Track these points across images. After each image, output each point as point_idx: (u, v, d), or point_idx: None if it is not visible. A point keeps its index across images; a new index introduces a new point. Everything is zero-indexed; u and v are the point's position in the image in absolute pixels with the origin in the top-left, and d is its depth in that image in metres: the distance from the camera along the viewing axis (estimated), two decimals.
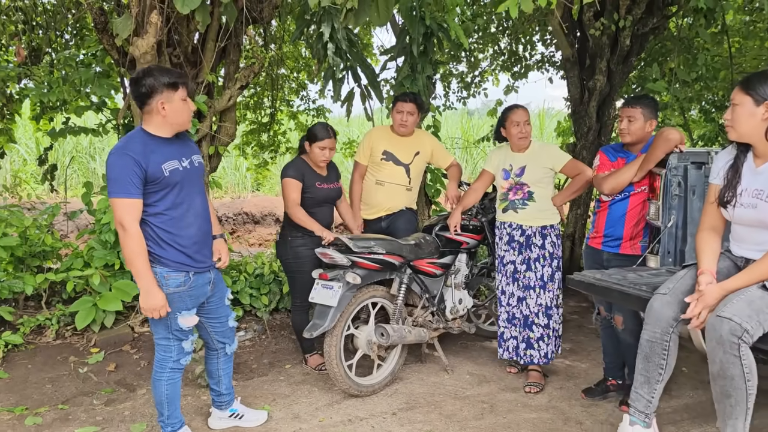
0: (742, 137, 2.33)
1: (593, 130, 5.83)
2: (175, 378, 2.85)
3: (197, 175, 2.78)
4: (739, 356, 2.06)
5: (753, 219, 2.30)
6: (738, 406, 2.14)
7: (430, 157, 4.31)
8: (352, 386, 3.51)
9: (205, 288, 2.82)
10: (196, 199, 2.74)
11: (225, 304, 3.01)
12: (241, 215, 12.49)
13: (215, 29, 4.41)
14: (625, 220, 3.40)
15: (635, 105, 3.31)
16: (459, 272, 4.07)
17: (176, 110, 2.58)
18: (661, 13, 5.48)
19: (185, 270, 2.68)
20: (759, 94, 2.25)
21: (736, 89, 2.33)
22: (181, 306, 2.71)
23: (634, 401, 2.44)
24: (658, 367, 2.36)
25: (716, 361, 2.12)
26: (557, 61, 7.55)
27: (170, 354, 2.81)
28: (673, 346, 2.34)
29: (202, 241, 2.77)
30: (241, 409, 3.22)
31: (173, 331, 2.76)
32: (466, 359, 4.21)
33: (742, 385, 2.10)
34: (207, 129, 4.40)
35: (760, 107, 2.25)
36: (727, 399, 2.15)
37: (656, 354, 2.40)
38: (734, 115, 2.32)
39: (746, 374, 2.08)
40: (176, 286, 2.67)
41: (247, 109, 7.66)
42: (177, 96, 2.57)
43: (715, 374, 2.16)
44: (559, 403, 3.54)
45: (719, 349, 2.09)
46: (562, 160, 3.71)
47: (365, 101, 5.21)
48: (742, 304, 2.09)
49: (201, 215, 2.77)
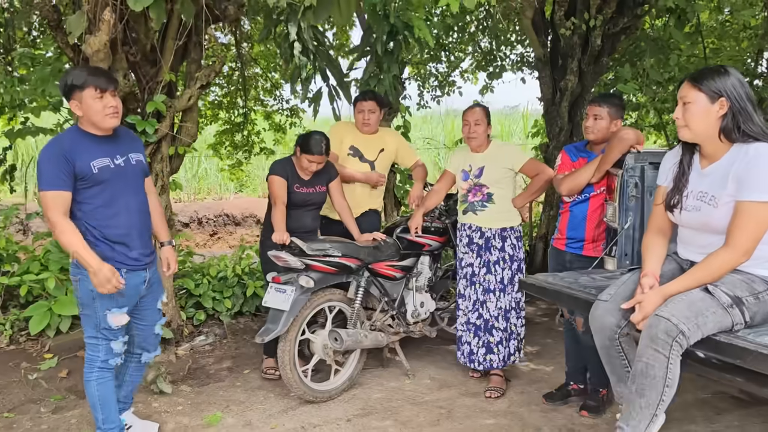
0: (696, 137, 2.24)
1: (565, 130, 5.78)
2: (105, 378, 2.77)
3: (133, 174, 2.74)
4: (668, 357, 1.98)
5: (697, 222, 2.24)
6: (646, 409, 2.06)
7: (395, 155, 4.25)
8: (307, 392, 3.43)
9: (139, 287, 2.76)
10: (130, 197, 2.70)
11: (156, 308, 2.93)
12: (222, 217, 12.38)
13: (175, 27, 4.31)
14: (587, 221, 3.36)
15: (602, 104, 3.27)
16: (421, 275, 4.00)
17: (89, 108, 2.54)
18: (632, 13, 5.44)
19: (116, 268, 2.61)
20: (713, 90, 2.15)
21: (685, 85, 2.22)
22: (110, 304, 2.64)
23: (619, 398, 2.35)
24: (621, 366, 2.29)
25: (642, 358, 2.05)
26: (532, 61, 7.51)
27: (98, 354, 2.73)
28: (628, 345, 2.26)
29: (136, 239, 2.72)
30: (129, 420, 3.08)
31: (101, 330, 2.69)
32: (429, 363, 4.14)
33: (659, 388, 2.02)
34: (167, 129, 4.30)
35: (715, 104, 2.16)
36: (640, 398, 2.07)
37: (614, 357, 2.32)
38: (687, 114, 2.21)
39: (667, 379, 2.01)
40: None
41: (220, 109, 7.57)
42: (87, 95, 2.52)
43: (637, 372, 2.07)
44: (518, 408, 3.48)
45: (650, 346, 2.01)
46: (521, 160, 3.65)
47: (333, 101, 5.14)
48: (682, 305, 2.02)
49: (136, 213, 2.73)
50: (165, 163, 4.38)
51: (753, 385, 2.19)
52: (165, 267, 2.98)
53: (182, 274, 4.85)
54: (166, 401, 3.53)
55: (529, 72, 7.58)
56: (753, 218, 2.05)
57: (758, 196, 2.04)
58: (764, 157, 2.06)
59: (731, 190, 2.12)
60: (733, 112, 2.13)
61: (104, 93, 2.55)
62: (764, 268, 2.13)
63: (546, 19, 5.99)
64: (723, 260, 2.10)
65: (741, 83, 2.15)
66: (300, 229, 3.67)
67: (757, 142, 2.11)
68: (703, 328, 1.99)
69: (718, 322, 2.02)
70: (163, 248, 2.97)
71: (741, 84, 2.15)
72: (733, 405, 3.45)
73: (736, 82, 2.14)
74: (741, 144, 2.14)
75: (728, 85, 2.13)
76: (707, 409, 3.43)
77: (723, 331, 2.03)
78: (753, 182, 2.06)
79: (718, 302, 2.03)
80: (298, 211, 3.69)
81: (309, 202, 3.71)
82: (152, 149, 4.27)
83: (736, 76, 2.15)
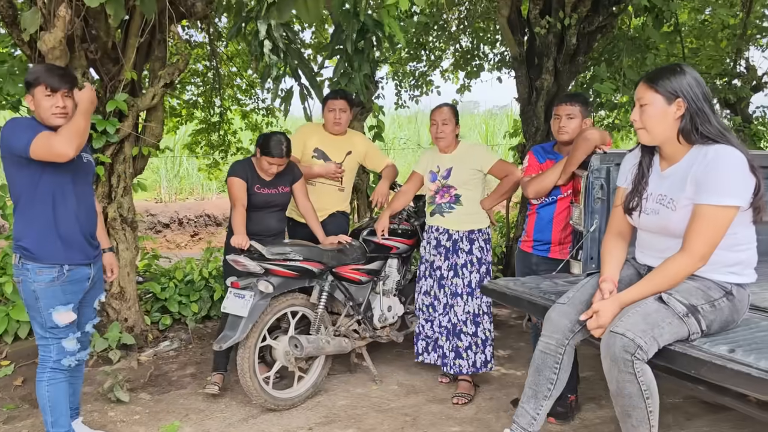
0: (655, 139, 2.16)
1: (541, 130, 5.70)
2: (57, 379, 2.71)
3: (84, 171, 2.74)
4: (634, 373, 1.91)
5: (656, 225, 2.16)
6: (641, 427, 2.00)
7: (363, 158, 4.15)
8: (268, 400, 3.33)
9: (83, 284, 2.74)
10: (78, 194, 2.69)
11: (93, 306, 2.89)
12: (203, 217, 12.24)
13: (137, 24, 4.19)
14: (553, 224, 3.29)
15: (574, 102, 3.18)
16: (389, 278, 3.91)
17: (38, 105, 2.56)
18: (607, 11, 5.37)
19: (59, 263, 2.60)
20: (669, 91, 2.08)
21: (641, 86, 2.14)
22: (54, 301, 2.62)
23: (518, 416, 2.24)
24: (548, 381, 2.19)
25: (612, 380, 1.98)
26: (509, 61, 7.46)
27: (50, 354, 2.69)
28: (567, 359, 2.19)
29: (81, 236, 2.70)
30: (79, 430, 2.98)
31: (49, 329, 2.65)
32: (398, 368, 4.06)
33: (641, 404, 1.96)
34: (129, 129, 4.18)
35: (672, 105, 2.08)
36: (628, 419, 2.00)
37: (548, 367, 2.22)
38: (645, 117, 2.13)
39: (644, 392, 1.94)
40: (49, 281, 2.60)
41: (196, 108, 7.44)
42: (38, 92, 2.55)
43: (614, 393, 2.01)
44: (485, 414, 3.40)
45: (614, 367, 1.94)
46: (489, 161, 3.57)
47: (305, 100, 5.04)
48: (637, 318, 1.94)
49: (83, 212, 2.72)
50: (128, 164, 4.26)
51: (714, 393, 2.12)
52: (109, 273, 3.01)
53: (148, 278, 4.74)
54: (123, 410, 3.42)
55: (506, 71, 7.51)
56: (710, 222, 1.97)
57: (716, 200, 1.97)
58: (723, 160, 1.99)
59: (690, 193, 2.04)
60: (690, 113, 2.05)
61: (55, 93, 2.55)
62: (721, 273, 2.06)
63: (522, 18, 5.91)
64: (680, 265, 2.03)
65: (698, 82, 2.07)
66: (265, 232, 3.56)
67: (716, 144, 2.03)
68: (660, 340, 1.91)
69: (675, 332, 1.94)
70: (104, 255, 2.97)
71: (698, 83, 2.07)
72: (704, 410, 3.40)
73: (693, 81, 2.06)
74: (701, 146, 2.07)
75: (684, 85, 2.06)
76: (678, 414, 3.37)
77: (680, 341, 1.96)
78: (711, 186, 1.98)
79: (673, 312, 1.95)
80: (261, 213, 3.58)
81: (271, 203, 3.60)
82: (114, 150, 4.16)
83: (692, 75, 2.07)
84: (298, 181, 3.70)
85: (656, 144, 2.19)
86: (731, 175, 1.98)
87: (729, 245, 2.04)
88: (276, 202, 3.63)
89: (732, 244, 2.05)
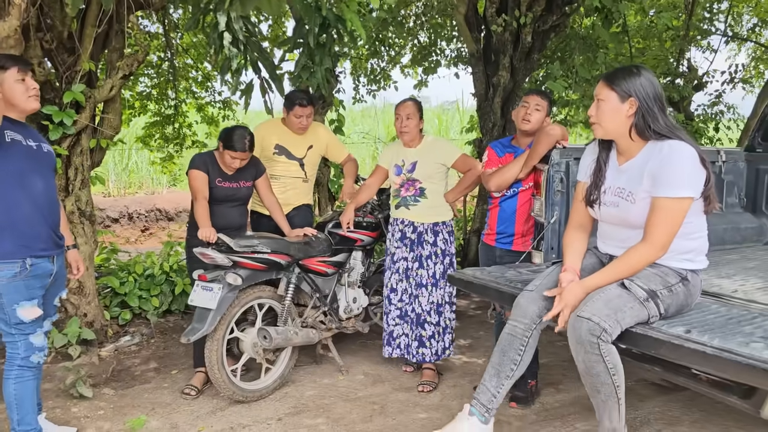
0: (608, 134, 2.30)
1: (498, 125, 5.86)
2: (24, 377, 2.66)
3: (44, 161, 2.69)
4: (601, 354, 2.04)
5: (616, 217, 2.30)
6: (609, 400, 2.14)
7: (325, 150, 4.19)
8: (236, 392, 3.35)
9: (45, 279, 2.68)
10: (39, 184, 2.62)
11: (53, 303, 2.84)
12: (153, 212, 11.97)
13: (94, 14, 4.10)
14: (516, 216, 3.39)
15: (543, 97, 3.30)
16: (353, 270, 3.97)
17: (10, 90, 2.52)
18: (560, 11, 5.55)
19: (20, 258, 2.54)
20: (624, 90, 2.21)
21: (600, 84, 2.28)
22: (18, 297, 2.56)
23: (479, 393, 2.35)
24: (511, 362, 2.31)
25: (580, 360, 2.11)
26: (466, 57, 7.60)
27: (17, 351, 2.64)
28: (532, 342, 2.31)
29: (43, 228, 2.63)
30: (43, 425, 2.90)
31: (14, 326, 2.60)
32: (363, 359, 4.12)
33: (608, 380, 2.10)
34: (87, 121, 4.10)
35: (625, 104, 2.22)
36: (598, 395, 2.15)
37: (513, 349, 2.33)
38: (599, 112, 2.27)
39: (610, 369, 2.08)
40: (11, 277, 2.53)
41: (149, 100, 7.29)
42: (9, 75, 2.51)
43: (582, 372, 2.15)
44: (450, 401, 3.50)
45: (581, 348, 2.07)
46: (453, 155, 3.67)
47: (265, 94, 5.02)
48: (600, 304, 2.07)
49: (45, 203, 2.65)
50: (85, 157, 4.17)
51: (669, 374, 2.28)
52: (75, 270, 2.96)
53: (107, 272, 4.65)
54: (87, 406, 3.37)
55: (463, 68, 7.65)
56: (668, 214, 2.12)
57: (673, 192, 2.11)
58: (677, 155, 2.13)
59: (647, 186, 2.18)
60: (642, 111, 2.20)
61: (26, 75, 2.54)
62: (677, 260, 2.21)
63: (479, 16, 6.04)
64: (641, 255, 2.17)
65: (651, 83, 2.22)
66: (227, 227, 3.53)
67: (670, 140, 2.18)
68: (622, 323, 2.05)
69: (636, 315, 2.08)
70: (68, 252, 2.92)
71: (651, 84, 2.22)
72: (655, 391, 3.59)
73: (646, 82, 2.21)
74: (656, 141, 2.21)
75: (638, 85, 2.20)
76: (631, 397, 3.53)
77: (640, 324, 2.10)
78: (666, 179, 2.12)
79: (634, 297, 2.09)
80: (222, 206, 3.57)
81: (232, 197, 3.59)
82: (71, 142, 4.07)
83: (646, 77, 2.22)
84: (262, 176, 3.70)
85: (609, 138, 2.33)
86: (684, 169, 2.13)
87: (684, 234, 2.19)
88: (237, 196, 3.63)
89: (687, 233, 2.20)
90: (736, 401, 2.08)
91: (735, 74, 8.12)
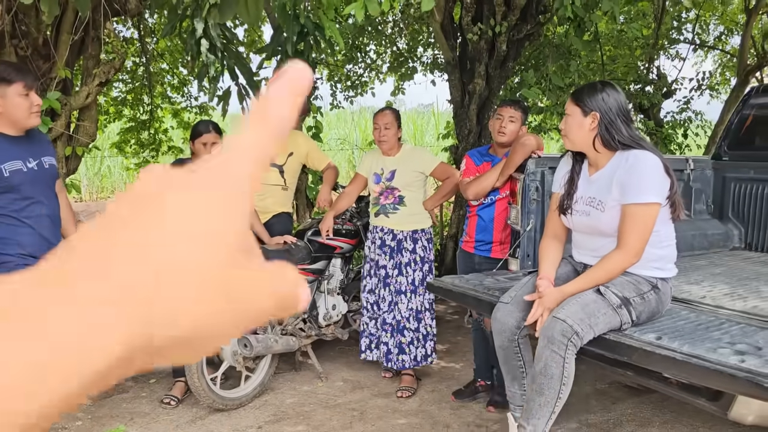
0: (575, 146, 2.43)
1: (474, 132, 5.93)
2: None
3: (46, 178, 2.61)
4: (564, 357, 2.11)
5: (587, 226, 2.38)
6: (545, 407, 2.20)
7: (305, 158, 4.21)
8: (216, 400, 3.35)
9: None
10: (42, 203, 2.57)
11: None
12: None
13: (70, 21, 4.07)
14: (494, 224, 3.46)
15: (517, 107, 3.37)
16: (333, 278, 4.00)
17: (12, 105, 2.43)
18: (534, 20, 5.66)
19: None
20: (587, 106, 2.34)
21: (568, 101, 2.42)
22: None
23: (511, 399, 2.51)
24: (517, 366, 2.44)
25: (542, 358, 2.17)
26: (442, 64, 7.68)
27: None
28: (525, 345, 2.41)
29: (46, 247, 2.56)
30: None
31: None
32: (342, 365, 4.15)
33: (556, 387, 2.16)
34: (62, 128, 4.06)
35: (587, 118, 2.34)
36: (539, 397, 2.20)
37: (511, 357, 2.45)
38: (566, 126, 2.40)
39: (564, 377, 2.14)
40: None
41: (124, 106, 7.22)
42: (12, 91, 2.42)
43: (537, 372, 2.20)
44: (429, 406, 3.55)
45: (548, 347, 2.14)
46: (431, 164, 3.72)
47: (243, 100, 5.03)
48: (577, 307, 2.15)
49: (47, 221, 2.59)
50: (61, 165, 4.12)
51: (641, 378, 2.36)
52: None
53: None
54: (64, 416, 3.33)
55: (439, 74, 7.73)
56: (639, 219, 2.21)
57: (640, 198, 2.21)
58: (642, 163, 2.24)
59: (616, 195, 2.28)
60: (604, 124, 2.31)
61: (31, 90, 2.46)
62: (648, 269, 2.30)
63: (455, 24, 6.12)
64: (617, 261, 2.26)
65: (614, 98, 2.34)
66: None
67: (635, 150, 2.28)
68: (595, 328, 2.12)
69: (609, 322, 2.15)
70: None
71: (614, 99, 2.34)
72: (627, 394, 3.68)
73: (607, 97, 2.33)
74: (622, 152, 2.32)
75: (599, 100, 2.32)
76: (604, 399, 3.64)
77: (613, 330, 2.17)
78: (634, 186, 2.22)
79: (608, 303, 2.17)
80: None
81: None
82: None
83: (609, 92, 2.34)
84: None
85: (576, 149, 2.46)
86: (649, 176, 2.24)
87: (653, 242, 2.28)
88: None
89: (656, 241, 2.29)
90: (705, 404, 2.16)
91: (702, 81, 8.35)
